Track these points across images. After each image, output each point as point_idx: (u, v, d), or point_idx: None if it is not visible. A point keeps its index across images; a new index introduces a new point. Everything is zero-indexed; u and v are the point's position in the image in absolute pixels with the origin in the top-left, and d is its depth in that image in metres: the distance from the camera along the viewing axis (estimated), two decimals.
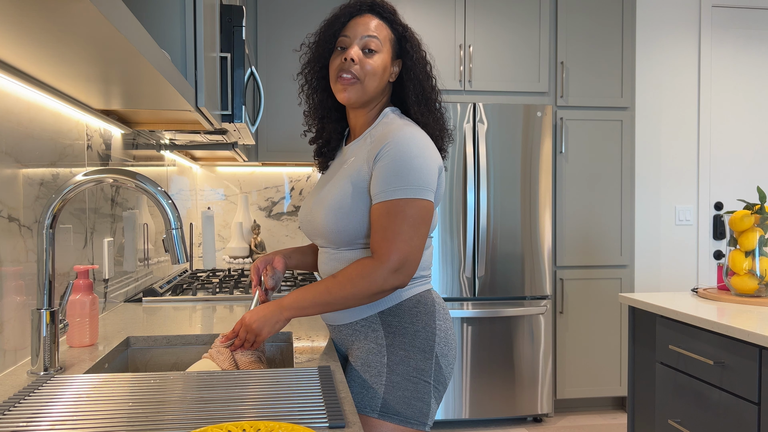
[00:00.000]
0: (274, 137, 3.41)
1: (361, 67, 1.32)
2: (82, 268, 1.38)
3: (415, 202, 1.24)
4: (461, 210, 3.34)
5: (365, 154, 1.31)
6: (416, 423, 1.29)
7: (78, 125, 1.56)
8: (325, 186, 1.37)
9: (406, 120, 1.35)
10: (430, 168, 1.27)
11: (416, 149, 1.26)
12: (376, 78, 1.33)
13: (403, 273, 1.23)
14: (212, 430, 0.89)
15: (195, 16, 1.42)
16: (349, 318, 1.34)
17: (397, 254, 1.22)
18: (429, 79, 1.40)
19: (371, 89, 1.34)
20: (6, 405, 0.95)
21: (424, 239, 1.26)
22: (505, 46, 3.49)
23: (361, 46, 1.32)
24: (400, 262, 1.22)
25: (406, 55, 1.37)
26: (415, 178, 1.24)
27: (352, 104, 1.36)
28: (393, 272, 1.22)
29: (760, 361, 1.67)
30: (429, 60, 1.41)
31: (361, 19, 1.34)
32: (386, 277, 1.22)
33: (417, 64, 1.37)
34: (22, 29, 0.83)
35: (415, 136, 1.28)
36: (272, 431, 0.87)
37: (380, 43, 1.33)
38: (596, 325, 3.58)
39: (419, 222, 1.24)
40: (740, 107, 4.16)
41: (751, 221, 2.14)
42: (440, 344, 1.33)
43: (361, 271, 1.22)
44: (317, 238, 1.38)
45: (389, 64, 1.35)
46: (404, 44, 1.37)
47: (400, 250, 1.22)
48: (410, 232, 1.23)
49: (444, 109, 1.44)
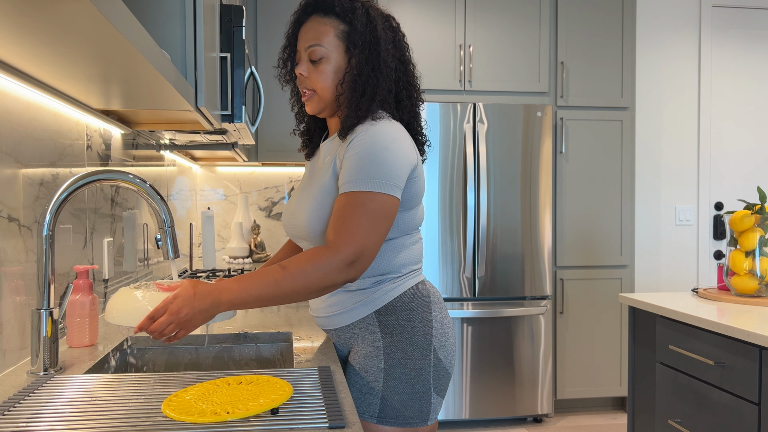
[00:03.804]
0: (274, 137, 3.41)
1: (311, 81, 1.30)
2: (82, 268, 1.38)
3: (377, 197, 1.19)
4: (461, 210, 3.34)
5: (340, 150, 1.29)
6: (416, 421, 1.29)
7: (78, 125, 1.56)
8: (306, 187, 1.35)
9: (381, 113, 1.31)
10: (398, 162, 1.22)
11: (384, 142, 1.22)
12: (328, 85, 1.30)
13: (355, 268, 1.16)
14: (199, 387, 0.97)
15: (195, 16, 1.42)
16: (346, 321, 1.33)
17: (354, 247, 1.15)
18: (385, 63, 1.30)
19: (328, 97, 1.31)
20: (6, 405, 0.95)
21: (383, 236, 1.21)
22: (505, 46, 3.49)
23: (307, 58, 1.30)
24: (355, 255, 1.15)
25: (355, 48, 1.28)
26: (379, 171, 1.20)
27: (320, 115, 1.35)
28: (347, 265, 1.15)
29: (760, 361, 1.67)
30: (399, 41, 1.34)
31: (305, 26, 1.31)
32: (340, 270, 1.14)
33: (367, 51, 1.29)
34: (21, 29, 0.83)
35: (386, 130, 1.24)
36: (253, 383, 1.03)
37: (325, 49, 1.28)
38: (596, 325, 3.58)
39: (380, 217, 1.19)
40: (740, 107, 4.16)
41: (751, 221, 2.14)
42: (437, 336, 1.32)
43: (315, 262, 1.13)
44: (302, 240, 1.36)
45: (342, 64, 1.29)
46: (352, 34, 1.28)
47: (357, 243, 1.16)
48: (369, 227, 1.17)
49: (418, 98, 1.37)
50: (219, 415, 0.89)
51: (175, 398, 0.97)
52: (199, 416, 0.88)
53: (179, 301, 1.07)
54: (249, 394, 0.98)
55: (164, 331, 1.06)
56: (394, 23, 1.35)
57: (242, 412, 0.89)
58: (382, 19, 1.32)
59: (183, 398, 0.97)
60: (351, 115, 1.27)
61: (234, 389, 1.01)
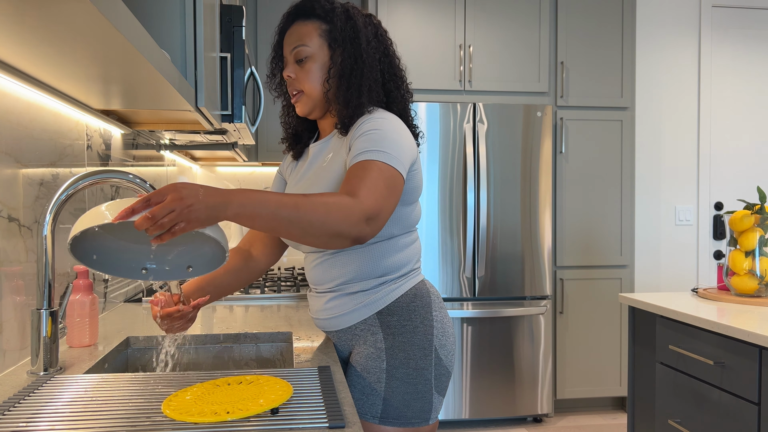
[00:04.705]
0: (274, 137, 3.41)
1: (298, 81, 1.34)
2: (82, 268, 1.38)
3: (391, 169, 1.18)
4: (461, 210, 3.34)
5: (345, 144, 1.30)
6: (418, 421, 1.29)
7: (78, 125, 1.56)
8: (311, 188, 1.33)
9: (375, 108, 1.33)
10: (406, 146, 1.24)
11: (392, 126, 1.25)
12: (316, 83, 1.32)
13: (371, 226, 1.09)
14: (199, 387, 0.97)
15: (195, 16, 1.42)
16: (348, 322, 1.33)
17: (375, 203, 1.10)
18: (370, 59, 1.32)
19: (316, 94, 1.33)
20: (6, 405, 0.95)
21: (394, 208, 1.17)
22: (505, 46, 3.49)
23: (293, 60, 1.33)
24: (375, 211, 1.10)
25: (336, 43, 1.31)
26: (390, 147, 1.20)
27: (310, 115, 1.37)
28: (365, 218, 1.08)
29: (760, 361, 1.67)
30: (381, 36, 1.36)
31: (289, 33, 1.35)
32: (359, 219, 1.07)
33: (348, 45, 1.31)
34: (22, 29, 0.83)
35: (389, 118, 1.28)
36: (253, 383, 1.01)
37: (309, 48, 1.31)
38: (596, 325, 3.58)
39: (392, 188, 1.16)
40: (740, 107, 4.16)
41: (751, 221, 2.14)
42: (438, 336, 1.32)
43: (338, 201, 1.05)
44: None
45: (326, 61, 1.32)
46: (332, 31, 1.32)
47: (378, 202, 1.11)
48: (386, 192, 1.14)
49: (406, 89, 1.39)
50: (219, 415, 0.89)
51: (175, 398, 0.97)
52: (199, 416, 0.88)
53: (184, 189, 0.88)
54: (249, 394, 0.98)
55: (163, 219, 0.85)
56: (375, 20, 1.38)
57: (242, 412, 0.89)
58: (362, 17, 1.35)
59: (183, 398, 0.97)
60: (343, 110, 1.30)
61: (234, 389, 1.01)
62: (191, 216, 0.88)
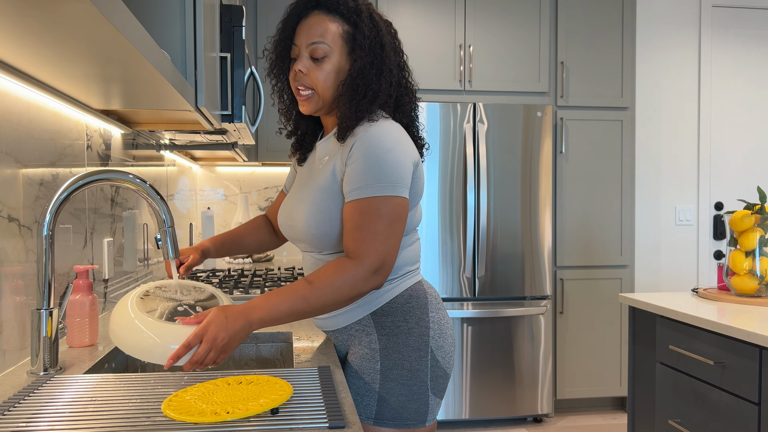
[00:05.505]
0: (274, 137, 3.41)
1: (311, 79, 1.26)
2: (82, 268, 1.38)
3: (390, 200, 1.20)
4: (461, 210, 3.34)
5: (340, 152, 1.27)
6: (413, 423, 1.29)
7: (78, 125, 1.56)
8: (303, 188, 1.33)
9: (380, 113, 1.30)
10: (404, 162, 1.22)
11: (388, 143, 1.21)
12: (329, 85, 1.27)
13: (381, 274, 1.19)
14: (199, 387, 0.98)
15: (195, 16, 1.42)
16: (343, 322, 1.33)
17: (376, 255, 1.17)
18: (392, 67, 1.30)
19: (328, 97, 1.28)
20: (6, 405, 0.95)
21: (400, 237, 1.22)
22: (505, 46, 3.49)
23: (308, 55, 1.26)
24: (379, 262, 1.17)
25: (359, 49, 1.26)
26: (388, 174, 1.19)
27: (315, 114, 1.32)
28: (372, 274, 1.17)
29: (760, 361, 1.67)
30: (397, 48, 1.33)
31: (307, 22, 1.27)
32: (366, 279, 1.17)
33: (372, 55, 1.27)
34: (22, 29, 0.83)
35: (387, 131, 1.23)
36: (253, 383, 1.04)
37: (329, 47, 1.25)
38: (596, 325, 3.58)
39: (395, 220, 1.20)
40: (740, 107, 4.16)
41: (751, 221, 2.14)
42: (435, 338, 1.31)
43: (342, 275, 1.15)
44: (299, 242, 1.34)
45: (343, 64, 1.27)
46: (357, 36, 1.26)
47: (379, 251, 1.17)
48: (387, 232, 1.19)
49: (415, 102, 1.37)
50: (219, 415, 0.89)
51: (175, 398, 0.97)
52: (199, 416, 0.88)
53: (213, 327, 1.06)
54: (249, 394, 0.98)
55: (205, 359, 1.05)
56: (392, 29, 1.35)
57: (242, 412, 0.89)
58: (384, 25, 1.31)
59: (183, 398, 0.97)
60: (349, 117, 1.26)
61: (234, 389, 1.01)
62: (227, 349, 1.07)
